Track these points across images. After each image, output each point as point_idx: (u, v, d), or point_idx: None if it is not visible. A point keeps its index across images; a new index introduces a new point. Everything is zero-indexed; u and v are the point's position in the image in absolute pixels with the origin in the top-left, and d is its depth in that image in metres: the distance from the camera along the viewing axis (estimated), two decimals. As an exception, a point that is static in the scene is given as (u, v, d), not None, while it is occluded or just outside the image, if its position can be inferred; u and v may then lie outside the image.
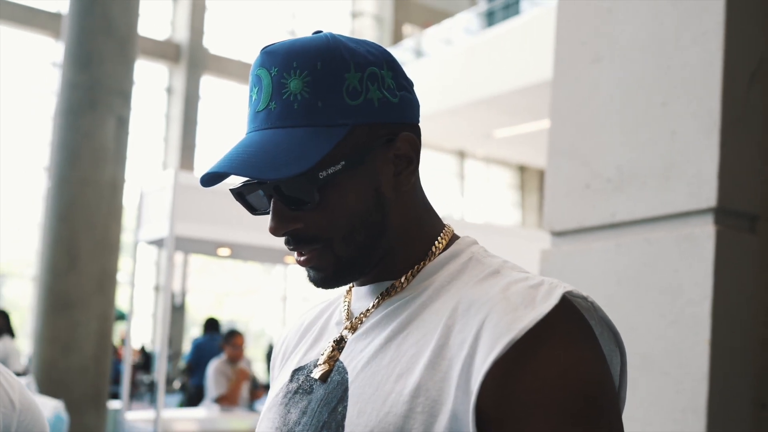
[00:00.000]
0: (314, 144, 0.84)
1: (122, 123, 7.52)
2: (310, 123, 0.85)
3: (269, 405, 0.97)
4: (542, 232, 2.29)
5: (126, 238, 8.45)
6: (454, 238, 0.96)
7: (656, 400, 1.56)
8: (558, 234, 1.87)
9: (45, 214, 7.35)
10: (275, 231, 0.90)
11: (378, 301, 0.92)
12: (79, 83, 7.30)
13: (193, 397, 8.69)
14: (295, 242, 0.90)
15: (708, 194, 1.55)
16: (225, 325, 12.05)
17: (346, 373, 0.88)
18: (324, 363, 0.92)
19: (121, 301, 9.23)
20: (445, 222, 0.98)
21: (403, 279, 0.91)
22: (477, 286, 0.86)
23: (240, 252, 5.24)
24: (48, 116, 7.61)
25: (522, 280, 0.84)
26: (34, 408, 1.33)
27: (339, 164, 0.85)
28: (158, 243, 4.95)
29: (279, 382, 0.99)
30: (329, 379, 0.89)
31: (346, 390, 0.86)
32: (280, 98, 0.86)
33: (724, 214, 1.55)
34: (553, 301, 0.80)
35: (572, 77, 1.87)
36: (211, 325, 9.62)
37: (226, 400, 5.85)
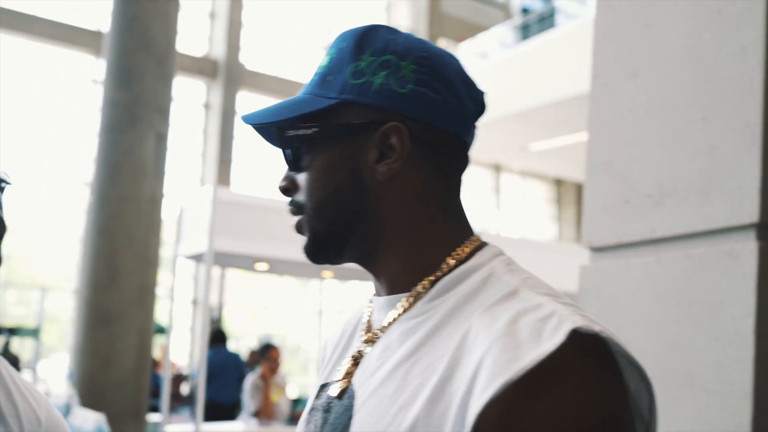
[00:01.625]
0: (299, 107, 0.90)
1: (161, 139, 7.63)
2: (314, 92, 0.91)
3: (300, 421, 0.97)
4: (580, 247, 2.27)
5: (165, 252, 8.54)
6: (479, 248, 0.91)
7: (699, 418, 1.54)
8: (597, 250, 1.86)
9: (86, 229, 7.47)
10: (279, 189, 0.96)
11: (395, 317, 0.89)
12: (120, 100, 7.43)
13: (206, 410, 8.64)
14: (291, 208, 0.94)
15: (750, 209, 1.53)
16: (261, 339, 12.12)
17: (354, 399, 0.86)
18: (341, 380, 0.91)
19: (160, 315, 9.31)
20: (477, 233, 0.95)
21: (420, 290, 0.87)
22: (488, 312, 0.80)
23: (277, 267, 5.27)
24: (90, 133, 7.75)
25: (533, 309, 0.77)
26: (60, 425, 1.34)
27: (310, 129, 0.89)
28: (197, 258, 4.99)
29: (311, 397, 0.99)
30: (341, 402, 0.88)
31: (350, 417, 0.84)
32: (316, 71, 0.94)
33: (766, 229, 1.53)
34: (558, 338, 0.73)
35: (609, 92, 1.86)
36: (218, 337, 9.25)
37: (263, 414, 5.87)
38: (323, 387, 0.96)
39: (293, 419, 6.04)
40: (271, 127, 0.92)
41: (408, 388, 0.80)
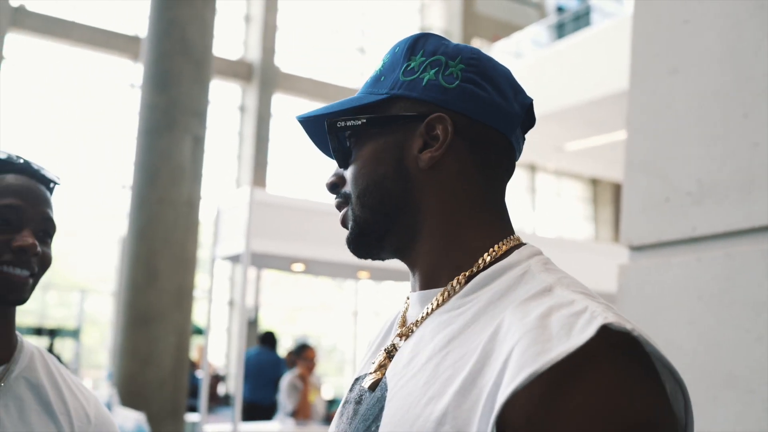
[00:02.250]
0: (351, 102, 0.96)
1: (198, 142, 7.71)
2: (367, 91, 0.97)
3: (335, 414, 0.99)
4: (616, 247, 2.25)
5: (201, 254, 8.63)
6: (517, 247, 0.92)
7: (741, 418, 1.52)
8: (636, 249, 1.85)
9: (126, 232, 7.58)
10: (327, 186, 1.00)
11: (428, 311, 0.90)
12: (158, 104, 7.52)
13: (243, 410, 8.79)
14: (336, 203, 0.98)
15: (793, 207, 1.51)
16: (296, 340, 12.18)
17: (386, 390, 0.87)
18: (374, 372, 0.92)
19: (197, 317, 9.41)
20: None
21: (454, 284, 0.89)
22: (521, 307, 0.80)
23: (313, 267, 5.29)
24: (129, 136, 7.89)
25: (566, 305, 0.77)
26: (109, 422, 1.36)
27: (360, 120, 0.93)
28: (234, 259, 5.04)
29: (346, 390, 1.01)
30: (373, 394, 0.89)
31: (382, 409, 0.85)
32: (370, 76, 1.00)
33: (810, 227, 1.51)
34: (589, 333, 0.72)
35: (648, 90, 1.85)
36: (267, 338, 9.59)
37: (299, 414, 5.91)
38: (357, 380, 0.98)
39: (328, 419, 6.07)
40: (325, 120, 0.96)
41: (439, 379, 0.81)
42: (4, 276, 1.17)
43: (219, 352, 18.00)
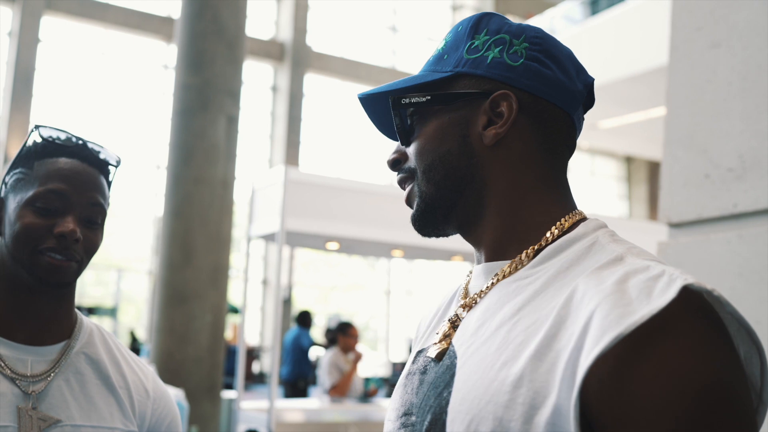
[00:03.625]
0: (415, 79, 0.97)
1: (232, 122, 7.75)
2: (430, 69, 0.98)
3: (396, 387, 1.00)
4: (653, 224, 2.23)
5: (236, 233, 8.70)
6: (582, 221, 0.93)
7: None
8: (675, 225, 1.83)
9: (162, 211, 7.66)
10: (388, 163, 1.01)
11: (493, 282, 0.92)
12: (192, 85, 7.57)
13: (285, 388, 8.99)
14: (399, 179, 1.00)
15: (838, 182, 1.49)
16: (330, 319, 12.27)
17: (456, 357, 0.88)
18: (439, 342, 0.94)
19: (231, 295, 9.53)
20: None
21: (522, 257, 0.90)
22: (594, 275, 0.81)
23: (347, 246, 5.31)
24: (163, 117, 7.98)
25: (642, 270, 0.79)
26: (167, 396, 1.40)
27: (425, 97, 0.95)
28: (269, 238, 5.07)
29: (407, 364, 1.02)
30: (441, 363, 0.91)
31: (453, 375, 0.86)
32: (432, 54, 1.01)
33: None
34: (670, 294, 0.74)
35: (688, 64, 1.83)
36: (303, 318, 10.01)
37: (338, 391, 5.97)
38: (419, 353, 0.99)
39: (365, 396, 6.12)
40: (389, 97, 0.97)
41: (511, 345, 0.82)
42: (46, 261, 1.19)
43: (253, 330, 18.18)
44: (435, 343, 0.95)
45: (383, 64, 18.69)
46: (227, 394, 8.14)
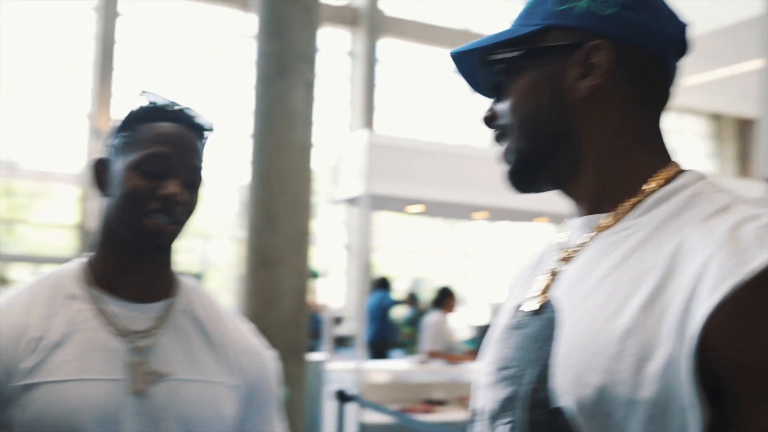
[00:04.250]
0: (503, 34, 0.95)
1: (310, 88, 7.80)
2: (519, 23, 0.97)
3: (491, 341, 1.00)
4: (745, 181, 2.16)
5: (317, 199, 8.81)
6: (681, 172, 0.91)
7: None
8: (777, 178, 1.76)
9: (247, 178, 7.80)
10: (482, 120, 1.01)
11: (593, 235, 0.91)
12: (271, 52, 7.64)
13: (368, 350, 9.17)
14: (494, 136, 0.99)
15: None
16: (411, 282, 12.33)
17: (557, 310, 0.87)
18: (537, 296, 0.93)
19: (314, 260, 9.69)
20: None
21: (622, 209, 0.89)
22: (702, 225, 0.80)
23: (430, 209, 5.31)
24: (245, 85, 8.11)
25: (754, 218, 0.77)
26: (264, 352, 1.43)
27: (515, 52, 0.94)
28: (352, 202, 5.10)
29: (501, 318, 1.01)
30: (541, 316, 0.90)
31: (555, 328, 0.85)
32: (521, 10, 1.00)
33: None
34: None
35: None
36: (383, 283, 10.16)
37: (436, 354, 6.03)
38: (514, 309, 0.98)
39: (461, 358, 6.17)
40: (478, 54, 0.96)
41: (617, 296, 0.81)
42: (150, 224, 1.23)
43: (336, 294, 18.45)
44: (533, 297, 0.94)
45: (457, 27, 18.48)
46: (313, 357, 8.31)
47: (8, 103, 17.92)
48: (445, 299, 6.58)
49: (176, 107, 1.31)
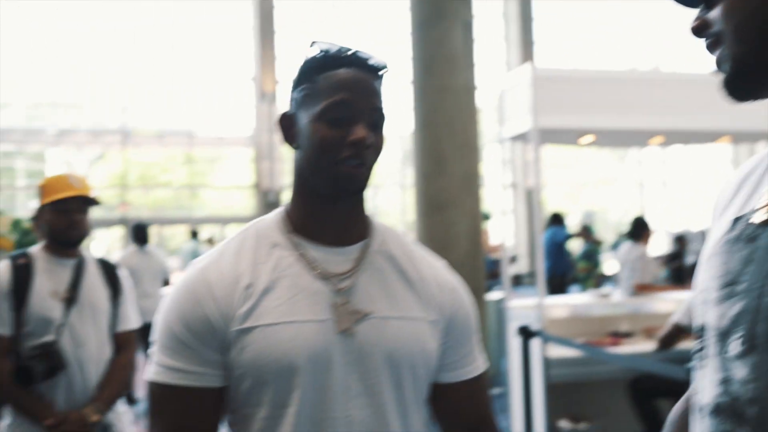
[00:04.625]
0: None
1: (468, 28, 7.70)
2: None
3: (708, 255, 0.94)
4: None
5: (482, 139, 8.75)
6: None
7: None
8: None
9: (411, 124, 7.86)
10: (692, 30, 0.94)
11: None
12: (426, -5, 7.61)
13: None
14: (707, 45, 0.92)
15: None
16: (583, 215, 12.08)
17: None
18: (764, 207, 0.87)
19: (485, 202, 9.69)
20: None
21: None
22: None
23: (602, 138, 5.12)
24: (404, 30, 8.15)
25: None
26: (460, 287, 1.45)
27: None
28: (520, 138, 5.02)
29: (717, 231, 0.96)
30: None
31: None
32: None
33: None
34: None
35: None
36: (556, 219, 10.02)
37: (645, 288, 5.90)
38: (737, 220, 0.93)
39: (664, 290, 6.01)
40: None
41: None
42: (343, 171, 1.25)
43: (506, 233, 18.37)
44: (759, 209, 0.88)
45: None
46: (491, 297, 8.35)
47: (180, 76, 18.94)
48: (640, 230, 6.36)
49: (349, 52, 1.31)
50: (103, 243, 19.35)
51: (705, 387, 0.87)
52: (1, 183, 17.02)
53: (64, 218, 2.68)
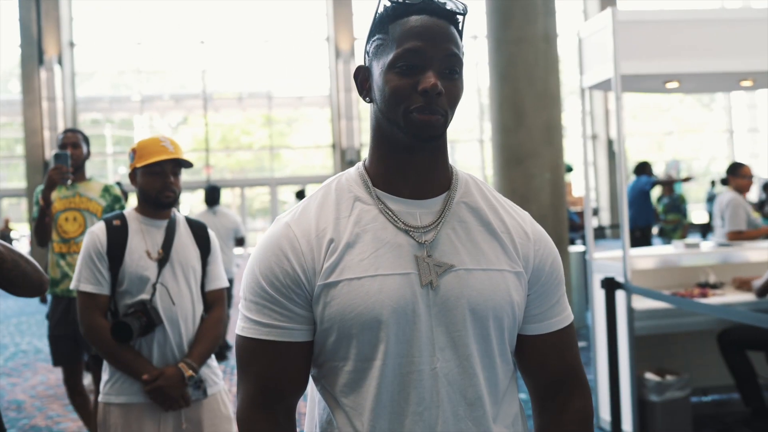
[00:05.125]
0: None
1: (545, -24, 7.51)
2: None
3: None
4: None
5: (563, 89, 8.57)
6: None
7: None
8: None
9: (489, 77, 7.75)
10: None
11: None
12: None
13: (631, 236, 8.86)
14: None
15: None
16: (668, 165, 11.76)
17: None
18: None
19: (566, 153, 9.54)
20: None
21: None
22: None
23: (689, 83, 4.92)
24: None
25: None
26: (546, 237, 1.42)
27: None
28: (602, 86, 4.87)
29: None
30: None
31: None
32: None
33: None
34: None
35: None
36: (642, 168, 9.73)
37: (741, 236, 5.70)
38: None
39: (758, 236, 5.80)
40: None
41: None
42: (416, 120, 1.24)
43: (588, 185, 18.05)
44: None
45: None
46: (573, 249, 8.25)
47: (257, 39, 19.08)
48: (737, 175, 6.02)
49: None
50: (188, 205, 19.86)
51: None
52: (91, 150, 17.60)
53: (159, 181, 2.74)
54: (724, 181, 6.79)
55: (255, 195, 21.23)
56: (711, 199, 14.92)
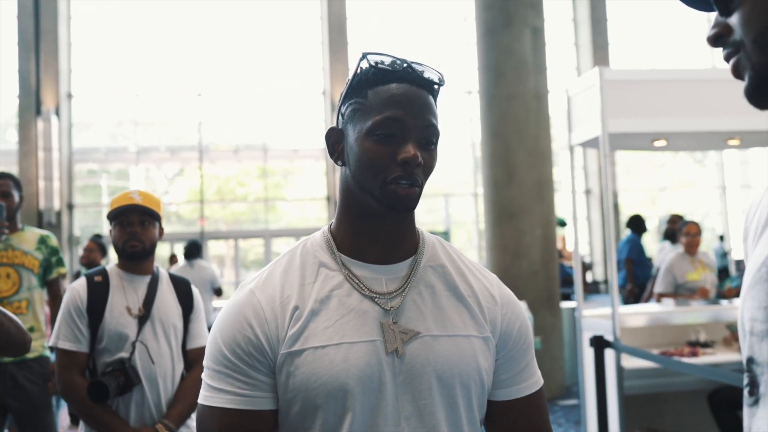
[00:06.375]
0: None
1: (537, 34, 7.62)
2: None
3: (751, 282, 0.87)
4: None
5: (554, 146, 8.63)
6: None
7: None
8: None
9: (480, 133, 7.81)
10: (708, 40, 0.88)
11: None
12: (493, 4, 7.55)
13: (622, 294, 8.77)
14: (725, 55, 0.86)
15: None
16: (661, 220, 11.77)
17: None
18: None
19: (558, 209, 9.54)
20: None
21: None
22: None
23: (676, 142, 4.96)
24: (469, 39, 8.04)
25: None
26: (514, 301, 1.39)
27: None
28: (590, 144, 4.90)
29: (757, 256, 0.88)
30: None
31: None
32: None
33: None
34: None
35: None
36: (635, 222, 9.60)
37: (662, 297, 5.67)
38: None
39: (719, 297, 5.76)
40: None
41: None
42: (393, 190, 1.22)
43: (582, 241, 18.07)
44: None
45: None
46: (565, 305, 8.21)
47: (253, 92, 19.28)
48: (681, 234, 5.95)
49: (402, 65, 1.26)
50: (180, 257, 19.78)
51: (760, 428, 0.80)
52: (86, 201, 17.62)
53: (124, 231, 2.71)
54: (669, 236, 6.72)
55: (250, 246, 21.19)
56: (724, 255, 14.96)
